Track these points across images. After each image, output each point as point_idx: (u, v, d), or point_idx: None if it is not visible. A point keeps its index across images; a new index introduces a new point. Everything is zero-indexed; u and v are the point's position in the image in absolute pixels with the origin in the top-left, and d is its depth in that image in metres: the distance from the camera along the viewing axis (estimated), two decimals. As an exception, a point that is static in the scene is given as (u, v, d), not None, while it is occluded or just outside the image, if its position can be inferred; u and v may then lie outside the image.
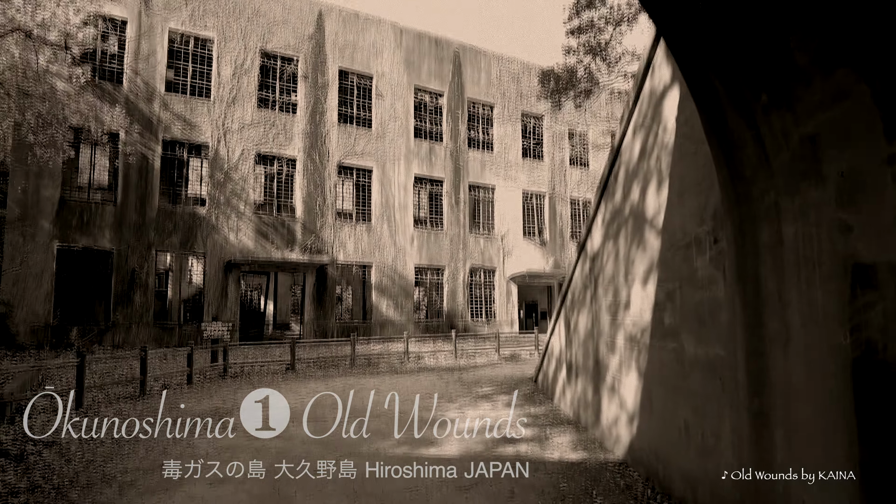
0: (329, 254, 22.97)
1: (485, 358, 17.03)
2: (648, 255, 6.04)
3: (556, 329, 9.65)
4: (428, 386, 11.61)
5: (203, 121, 21.40)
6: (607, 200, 7.29)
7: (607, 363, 7.29)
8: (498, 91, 27.48)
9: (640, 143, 6.29)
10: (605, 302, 7.38)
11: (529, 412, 9.16)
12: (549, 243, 28.05)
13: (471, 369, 14.52)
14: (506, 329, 26.23)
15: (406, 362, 15.63)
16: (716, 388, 4.75)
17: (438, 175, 25.67)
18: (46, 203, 19.02)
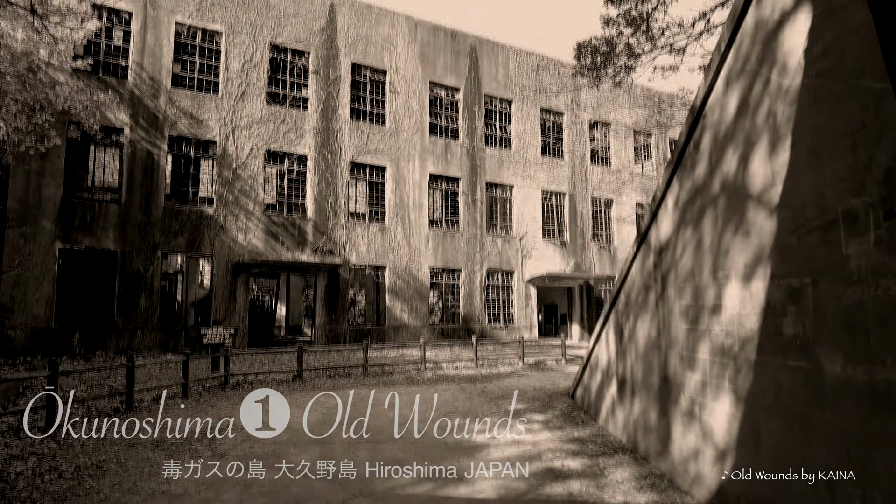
0: (341, 255, 21.47)
1: (508, 366, 15.41)
2: (754, 241, 4.45)
3: (602, 337, 8.04)
4: (450, 400, 10.04)
5: (210, 117, 20.01)
6: (683, 177, 5.70)
7: (681, 381, 5.69)
8: (516, 86, 25.90)
9: (737, 96, 4.70)
10: (678, 305, 5.78)
11: (573, 435, 7.55)
12: (570, 244, 26.37)
13: (494, 379, 12.92)
14: (525, 334, 24.55)
15: (423, 371, 14.05)
16: (892, 430, 3.14)
17: (454, 173, 24.11)
18: (48, 202, 17.68)
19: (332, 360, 15.16)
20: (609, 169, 28.07)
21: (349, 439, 7.50)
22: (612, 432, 7.55)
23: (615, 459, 6.49)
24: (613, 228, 27.92)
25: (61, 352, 16.99)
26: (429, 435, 7.61)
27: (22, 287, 17.15)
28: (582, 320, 26.25)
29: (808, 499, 3.80)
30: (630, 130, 28.98)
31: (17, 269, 17.22)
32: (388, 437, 7.47)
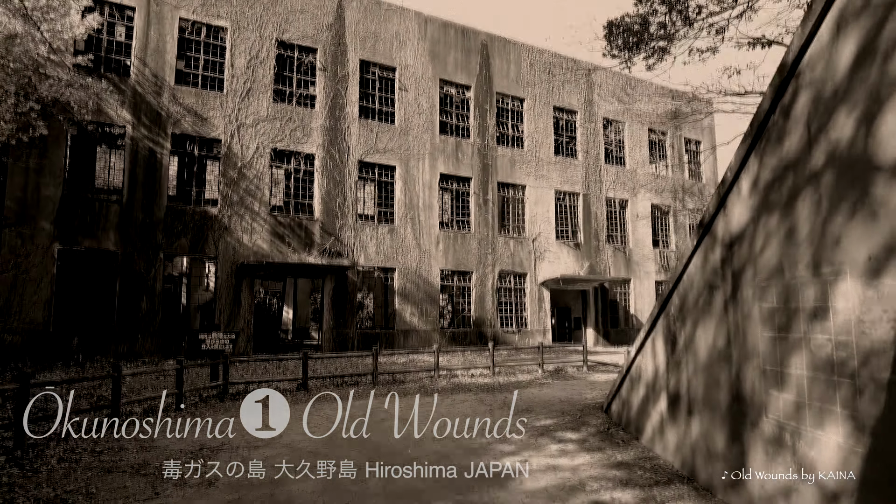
0: (349, 257, 20.42)
1: (526, 374, 14.26)
2: (885, 226, 3.36)
3: (647, 346, 6.93)
4: (468, 412, 8.94)
5: (215, 115, 19.03)
6: (765, 153, 4.60)
7: (763, 401, 4.59)
8: (528, 84, 24.83)
9: (855, 41, 3.62)
10: (758, 308, 4.68)
11: (616, 459, 6.44)
12: (584, 246, 25.21)
13: (513, 389, 11.80)
14: (538, 338, 23.41)
15: (437, 379, 12.93)
16: None
17: (465, 173, 23.04)
18: (47, 202, 16.73)
19: (339, 367, 14.08)
20: (623, 169, 26.92)
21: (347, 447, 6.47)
22: (660, 455, 6.44)
23: (673, 491, 5.39)
24: (628, 230, 26.76)
25: (59, 357, 15.99)
26: (450, 457, 6.53)
27: (18, 290, 16.19)
28: (597, 324, 25.07)
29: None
30: (645, 129, 27.84)
31: (12, 270, 16.26)
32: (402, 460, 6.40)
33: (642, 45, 8.89)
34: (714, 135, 30.10)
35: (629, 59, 9.08)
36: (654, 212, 27.69)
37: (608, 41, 9.02)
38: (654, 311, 6.71)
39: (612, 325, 25.52)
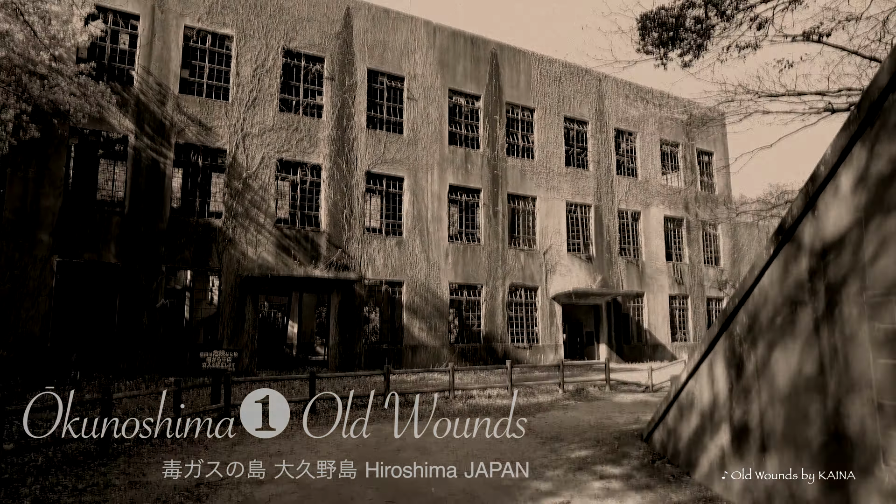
0: (356, 270, 19.58)
1: (546, 394, 13.29)
2: None
3: (701, 369, 6.04)
4: (492, 440, 8.04)
5: (220, 124, 18.31)
6: (878, 140, 3.76)
7: (879, 443, 3.72)
8: (539, 94, 24.11)
9: None
10: (866, 328, 3.82)
11: (671, 500, 5.52)
12: (596, 259, 24.33)
13: (536, 412, 10.88)
14: (550, 355, 22.46)
15: (452, 400, 12.01)
16: None
17: (475, 184, 22.25)
18: (46, 213, 15.96)
19: (347, 387, 13.18)
20: (636, 180, 26.10)
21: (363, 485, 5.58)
22: (722, 495, 5.53)
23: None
24: (641, 242, 25.87)
25: (56, 374, 15.11)
26: (480, 498, 5.63)
27: (15, 303, 15.38)
28: (610, 340, 24.10)
29: None
30: (657, 140, 27.07)
31: (8, 283, 15.45)
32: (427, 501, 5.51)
33: (677, 41, 8.13)
34: (726, 146, 29.31)
35: (664, 55, 8.32)
36: (667, 224, 26.84)
37: (642, 36, 8.27)
38: (712, 330, 5.83)
39: (626, 341, 24.56)
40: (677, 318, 26.44)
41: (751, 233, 29.54)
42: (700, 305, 27.04)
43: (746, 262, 29.43)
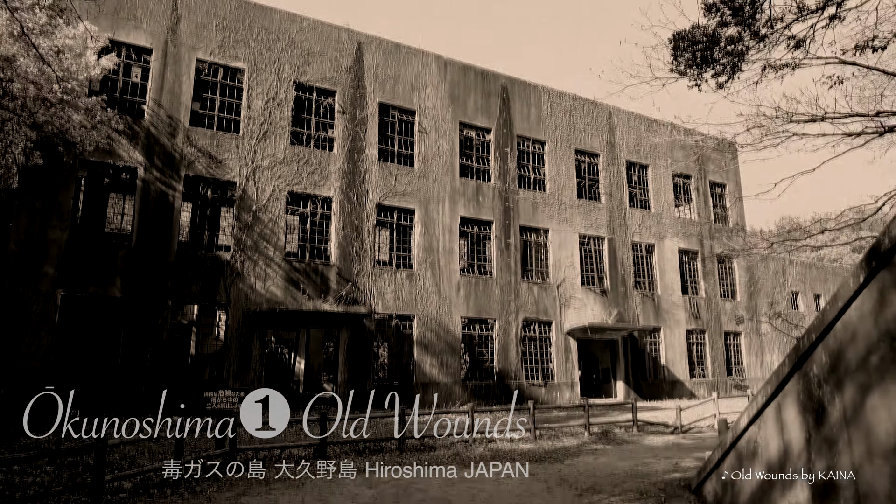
0: (366, 304, 18.92)
1: (571, 437, 12.41)
2: None
3: (766, 413, 5.33)
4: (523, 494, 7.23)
5: (230, 157, 17.95)
6: None
7: None
8: (549, 127, 23.80)
9: None
10: None
11: (741, 568, 4.75)
12: (611, 293, 23.59)
13: (563, 457, 10.04)
14: (566, 392, 21.54)
15: (472, 444, 11.18)
16: None
17: (486, 216, 21.73)
18: (52, 246, 15.46)
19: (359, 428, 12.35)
20: (649, 213, 25.56)
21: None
22: (798, 563, 4.75)
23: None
24: (656, 275, 25.16)
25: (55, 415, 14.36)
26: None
27: (16, 338, 14.75)
28: (627, 377, 23.17)
29: None
30: (669, 173, 26.63)
31: (10, 318, 14.86)
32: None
33: (711, 61, 7.67)
34: (739, 178, 28.85)
35: (698, 75, 7.84)
36: (681, 257, 26.17)
37: (674, 56, 7.81)
38: (779, 370, 5.13)
39: (643, 378, 23.62)
40: (695, 353, 25.52)
41: (766, 265, 28.82)
42: (718, 340, 26.13)
43: (763, 294, 28.63)
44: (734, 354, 26.87)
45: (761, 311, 28.09)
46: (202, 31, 18.19)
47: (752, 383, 26.63)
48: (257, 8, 19.17)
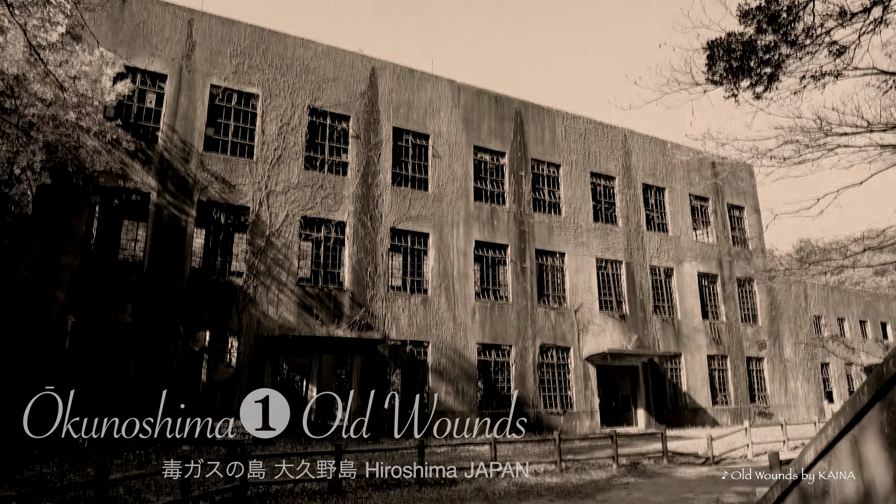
0: (380, 330, 18.38)
1: (599, 469, 11.66)
2: None
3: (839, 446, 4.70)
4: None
5: (244, 182, 17.70)
6: None
7: None
8: (564, 150, 23.45)
9: None
10: None
11: None
12: (630, 317, 22.88)
13: (594, 491, 9.34)
14: (585, 421, 20.72)
15: (496, 478, 10.49)
16: None
17: (501, 240, 21.25)
18: (64, 271, 15.14)
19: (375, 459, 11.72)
20: (667, 236, 24.97)
21: None
22: None
23: None
24: (676, 300, 24.44)
25: (61, 447, 13.85)
26: None
27: (25, 365, 14.33)
28: (648, 404, 22.30)
29: None
30: (686, 195, 26.10)
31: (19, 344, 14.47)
32: None
33: (748, 71, 7.24)
34: (757, 200, 28.26)
35: (734, 84, 7.40)
36: (701, 281, 25.46)
37: (709, 65, 7.39)
38: (856, 399, 4.53)
39: (664, 405, 22.72)
40: (717, 379, 24.61)
41: (788, 289, 27.99)
42: (740, 366, 25.22)
43: (785, 319, 27.73)
44: (757, 381, 25.91)
45: (784, 335, 27.19)
46: (217, 58, 18.12)
47: (777, 410, 25.62)
48: (272, 34, 19.13)
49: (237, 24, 18.72)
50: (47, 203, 15.33)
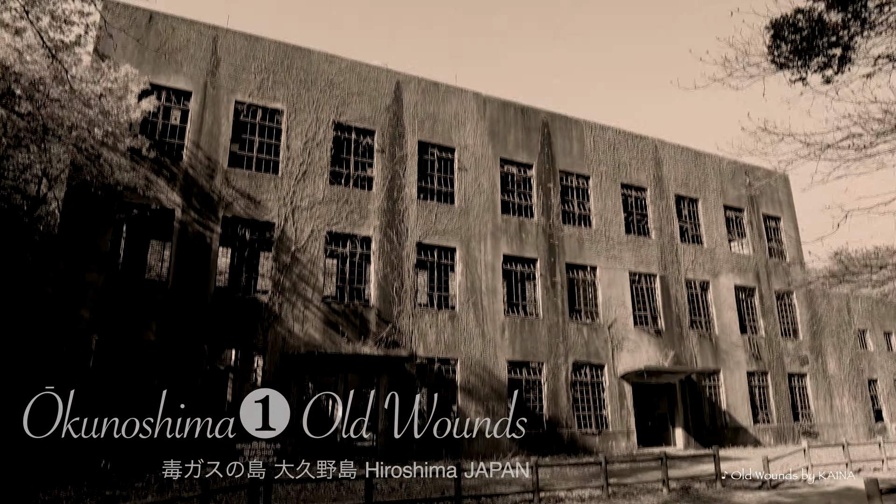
0: (407, 347, 17.67)
1: (649, 495, 10.69)
2: None
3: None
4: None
5: (269, 198, 17.29)
6: None
7: None
8: (593, 161, 22.68)
9: None
10: None
11: None
12: (666, 333, 21.79)
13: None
14: (622, 441, 19.62)
15: None
16: None
17: (530, 254, 20.45)
18: (88, 289, 14.79)
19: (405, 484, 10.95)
20: (701, 248, 23.90)
21: None
22: None
23: None
24: (713, 314, 23.28)
25: (84, 475, 13.35)
26: None
27: (50, 384, 13.86)
28: (687, 423, 21.10)
29: None
30: (720, 206, 25.06)
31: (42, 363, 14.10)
32: None
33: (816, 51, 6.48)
34: (794, 210, 27.06)
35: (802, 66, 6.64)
36: (738, 294, 24.27)
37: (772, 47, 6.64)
38: None
39: (703, 424, 21.49)
40: (757, 397, 23.28)
41: (829, 302, 26.60)
42: (781, 383, 23.86)
43: (828, 333, 26.31)
44: (800, 398, 24.47)
45: (827, 350, 25.75)
46: (241, 74, 17.88)
47: (823, 430, 24.15)
48: (295, 50, 18.87)
49: (261, 41, 18.51)
50: (73, 221, 15.07)
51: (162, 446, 14.26)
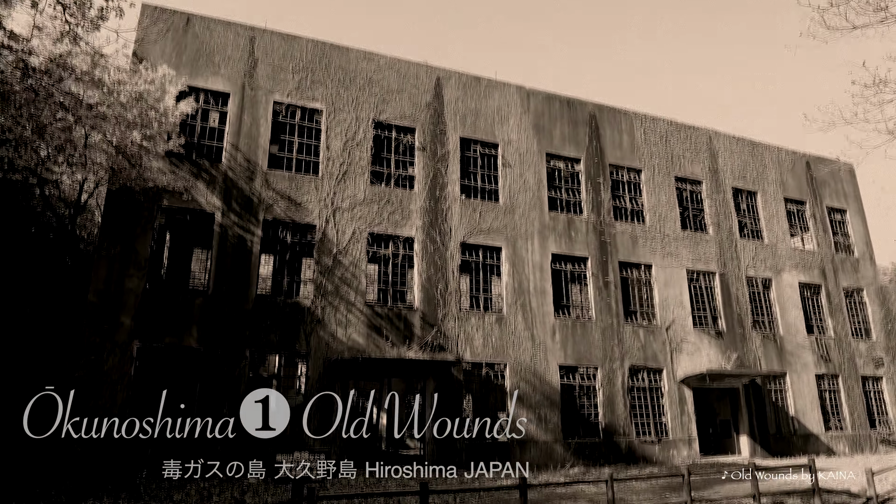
0: (453, 351, 16.63)
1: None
2: None
3: None
4: None
5: (310, 199, 16.55)
6: None
7: None
8: (644, 154, 21.25)
9: None
10: None
11: None
12: (727, 334, 20.11)
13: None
14: (683, 450, 18.08)
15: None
16: None
17: (580, 252, 19.16)
18: (129, 295, 14.26)
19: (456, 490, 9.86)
20: (762, 244, 22.13)
21: None
22: None
23: None
24: (776, 313, 21.46)
25: (122, 473, 12.77)
26: None
27: (90, 392, 13.39)
28: (752, 430, 19.37)
29: None
30: (780, 198, 23.23)
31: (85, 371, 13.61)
32: None
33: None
34: (860, 202, 24.96)
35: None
36: (802, 292, 22.38)
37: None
38: None
39: (768, 431, 19.71)
40: (828, 401, 21.33)
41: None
42: (854, 387, 21.82)
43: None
44: (876, 403, 22.35)
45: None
46: (279, 74, 17.23)
47: (903, 437, 21.98)
48: (333, 48, 18.14)
49: (298, 40, 17.85)
50: (113, 226, 14.61)
51: (207, 453, 13.57)
